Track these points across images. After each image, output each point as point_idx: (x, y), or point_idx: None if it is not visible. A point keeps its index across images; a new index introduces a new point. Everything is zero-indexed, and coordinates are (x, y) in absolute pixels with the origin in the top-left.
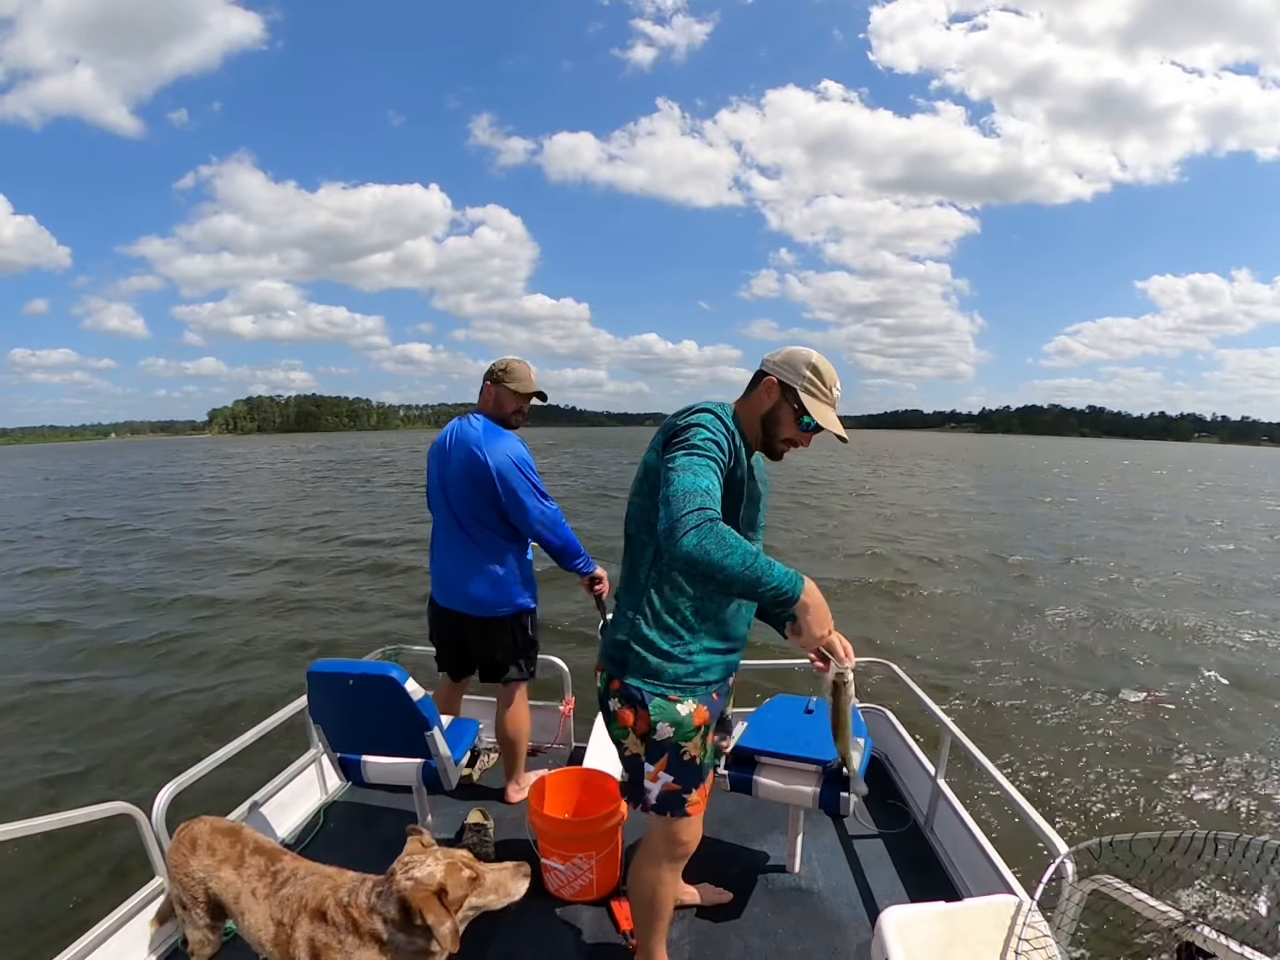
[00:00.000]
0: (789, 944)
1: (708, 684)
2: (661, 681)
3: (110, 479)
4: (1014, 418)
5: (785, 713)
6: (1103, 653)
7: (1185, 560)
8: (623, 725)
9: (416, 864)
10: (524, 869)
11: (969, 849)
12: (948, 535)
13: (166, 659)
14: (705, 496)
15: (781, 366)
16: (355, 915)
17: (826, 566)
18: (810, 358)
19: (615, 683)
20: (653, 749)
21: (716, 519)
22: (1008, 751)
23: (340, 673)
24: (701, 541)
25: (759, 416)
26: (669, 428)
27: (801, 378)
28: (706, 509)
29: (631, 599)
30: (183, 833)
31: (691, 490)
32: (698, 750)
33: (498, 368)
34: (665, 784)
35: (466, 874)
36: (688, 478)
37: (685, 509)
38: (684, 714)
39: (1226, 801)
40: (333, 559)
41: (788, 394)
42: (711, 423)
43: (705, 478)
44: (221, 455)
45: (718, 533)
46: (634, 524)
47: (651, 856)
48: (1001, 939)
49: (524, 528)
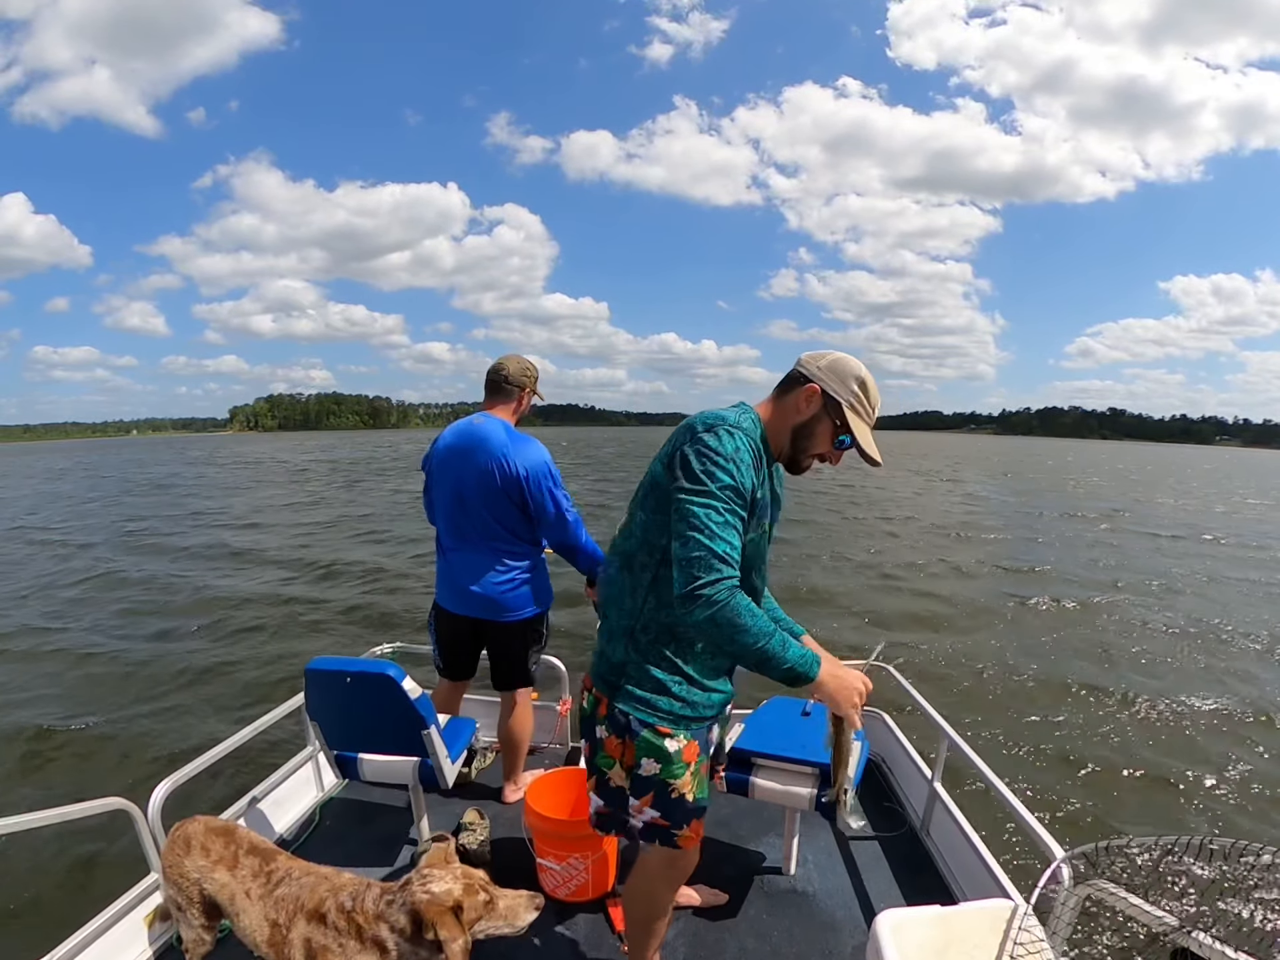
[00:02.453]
0: (784, 946)
1: (702, 719)
2: (655, 711)
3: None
4: (1034, 419)
5: (782, 714)
6: (1105, 655)
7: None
8: (609, 755)
9: (435, 879)
10: (537, 900)
11: (965, 852)
12: (961, 540)
13: (166, 655)
14: (722, 564)
15: (828, 375)
16: (360, 921)
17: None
18: (859, 371)
19: (604, 706)
20: (638, 784)
21: (735, 588)
22: (1005, 755)
23: (338, 670)
24: (714, 616)
25: (791, 426)
26: (685, 443)
27: (850, 393)
28: (724, 580)
29: (624, 622)
30: (177, 832)
31: (710, 555)
32: (687, 787)
33: (534, 376)
34: (651, 818)
35: (482, 897)
36: (704, 539)
37: (703, 578)
38: (672, 750)
39: (1224, 808)
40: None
41: (830, 406)
42: (738, 454)
43: (723, 539)
44: (255, 456)
45: (733, 607)
46: (634, 540)
47: (645, 878)
48: (997, 943)
49: (550, 533)
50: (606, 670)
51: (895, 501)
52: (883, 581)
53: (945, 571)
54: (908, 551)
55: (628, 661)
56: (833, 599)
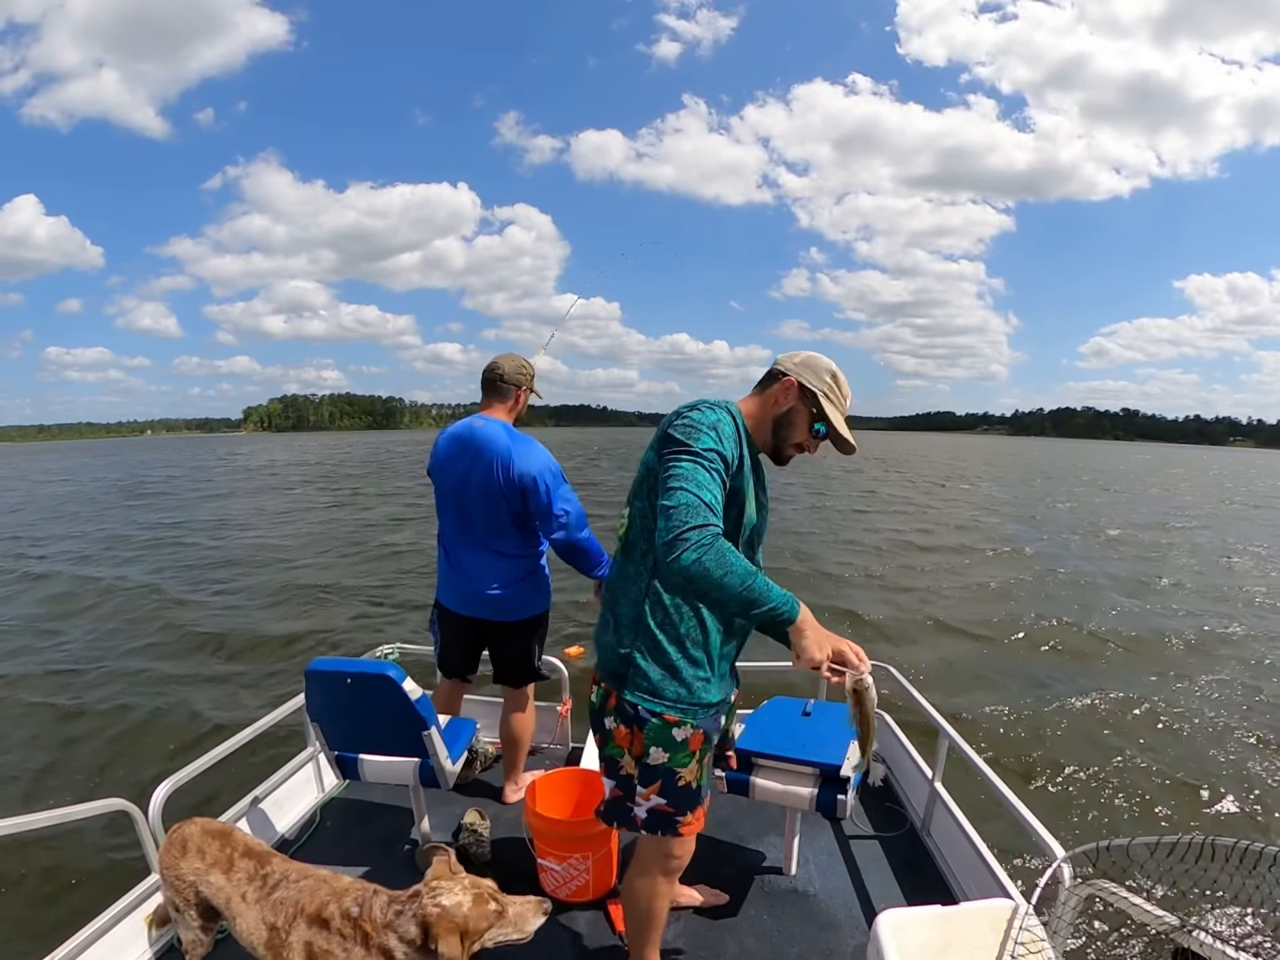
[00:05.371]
0: (785, 946)
1: (708, 705)
2: (662, 700)
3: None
4: (1046, 420)
5: (783, 714)
6: (1107, 656)
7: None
8: (619, 745)
9: (445, 891)
10: (545, 906)
11: (965, 852)
12: (970, 531)
13: (166, 656)
14: (707, 511)
15: (803, 369)
16: (368, 929)
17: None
18: (831, 365)
19: (613, 698)
20: (646, 772)
21: (718, 534)
22: (1005, 755)
23: (338, 671)
24: (701, 558)
25: (772, 417)
26: (670, 424)
27: (824, 383)
28: (709, 524)
29: (631, 611)
30: (174, 835)
31: (693, 504)
32: (693, 775)
33: (530, 375)
34: (657, 805)
35: (492, 907)
36: (690, 489)
37: (686, 523)
38: (679, 739)
39: (1227, 808)
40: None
41: (806, 397)
42: (719, 424)
43: (709, 490)
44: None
45: (718, 550)
46: (634, 529)
47: (644, 868)
48: (997, 943)
49: (555, 535)
50: (615, 663)
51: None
52: (893, 585)
53: (959, 566)
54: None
55: (634, 651)
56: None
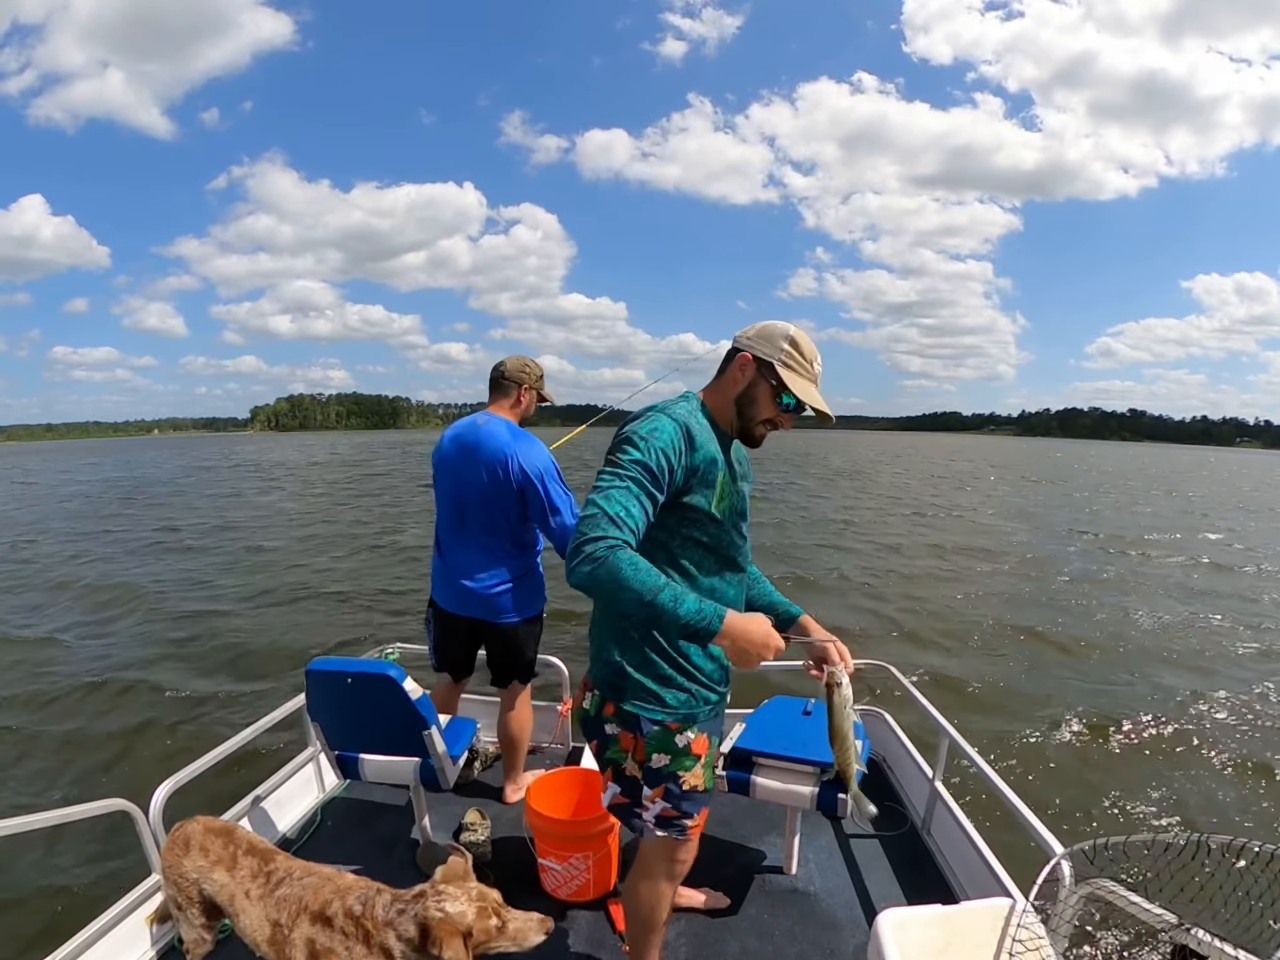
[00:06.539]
0: (785, 945)
1: (708, 702)
2: (662, 707)
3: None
4: (1053, 421)
5: (783, 714)
6: (1107, 656)
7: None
8: (623, 749)
9: (450, 896)
10: (548, 924)
11: (966, 851)
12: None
13: (167, 656)
14: (609, 523)
15: (756, 341)
16: (369, 927)
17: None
18: (788, 330)
19: (610, 707)
20: (650, 775)
21: (617, 547)
22: (1006, 754)
23: (339, 671)
24: (593, 571)
25: (733, 398)
26: (615, 434)
27: (779, 350)
28: (606, 537)
29: (617, 621)
30: (176, 833)
31: (601, 515)
32: (698, 779)
33: (534, 374)
34: (663, 809)
35: (494, 921)
36: (598, 500)
37: (584, 534)
38: (681, 744)
39: (1224, 807)
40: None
41: (764, 370)
42: (653, 432)
43: (618, 502)
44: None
45: (613, 563)
46: None
47: (648, 872)
48: (997, 941)
49: (555, 535)
50: (608, 673)
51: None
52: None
53: (963, 569)
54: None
55: (628, 660)
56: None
